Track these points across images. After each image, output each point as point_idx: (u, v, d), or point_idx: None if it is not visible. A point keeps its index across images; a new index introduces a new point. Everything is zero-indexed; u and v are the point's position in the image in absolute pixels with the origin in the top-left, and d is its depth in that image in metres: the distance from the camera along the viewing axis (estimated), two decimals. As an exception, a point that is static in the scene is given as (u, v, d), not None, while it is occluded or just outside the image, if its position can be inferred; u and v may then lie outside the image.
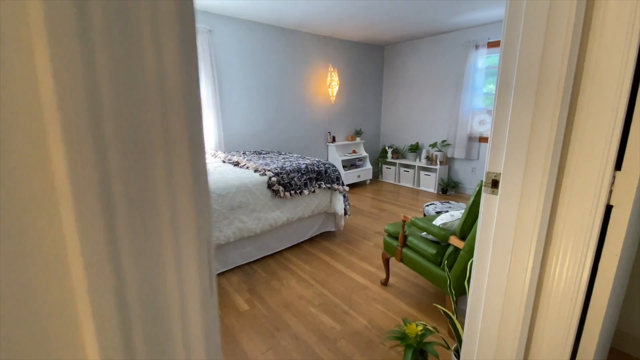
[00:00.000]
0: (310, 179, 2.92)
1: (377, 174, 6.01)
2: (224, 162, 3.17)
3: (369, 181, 5.56)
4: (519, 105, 0.79)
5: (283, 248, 2.92)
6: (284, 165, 2.87)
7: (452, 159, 5.06)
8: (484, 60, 4.47)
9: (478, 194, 1.55)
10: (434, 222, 1.95)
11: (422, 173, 5.14)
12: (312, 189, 2.91)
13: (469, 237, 1.62)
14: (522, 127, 0.78)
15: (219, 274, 2.50)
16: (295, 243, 3.02)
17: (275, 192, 2.65)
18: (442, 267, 1.81)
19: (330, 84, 4.86)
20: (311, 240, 3.15)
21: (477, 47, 4.48)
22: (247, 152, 3.72)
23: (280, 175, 2.70)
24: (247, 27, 4.01)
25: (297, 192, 2.79)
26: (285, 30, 4.38)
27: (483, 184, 0.90)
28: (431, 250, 1.87)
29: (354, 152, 5.40)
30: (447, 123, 5.00)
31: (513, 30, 0.80)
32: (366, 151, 5.72)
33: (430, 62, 5.12)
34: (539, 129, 0.76)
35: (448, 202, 3.01)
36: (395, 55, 5.62)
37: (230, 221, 2.43)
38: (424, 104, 5.31)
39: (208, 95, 3.72)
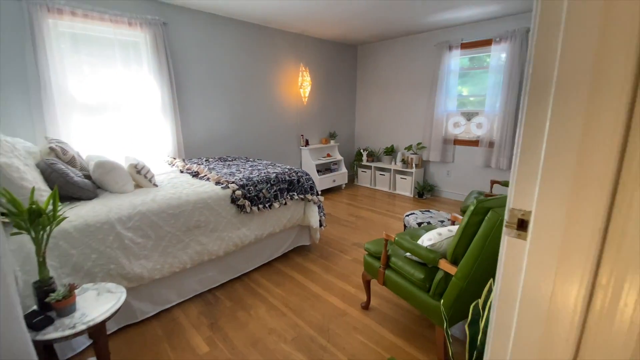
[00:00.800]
0: (281, 190, 2.62)
1: (352, 177, 5.80)
2: (181, 171, 2.79)
3: (344, 185, 5.34)
4: (562, 117, 0.56)
5: (252, 269, 2.60)
6: (251, 176, 2.55)
7: (428, 161, 4.95)
8: (457, 61, 4.38)
9: (473, 215, 1.33)
10: (419, 241, 1.73)
11: (398, 176, 5.00)
12: (284, 201, 2.61)
13: (462, 262, 1.41)
14: (566, 149, 0.56)
15: (173, 306, 2.14)
16: (266, 262, 2.71)
17: (241, 208, 2.32)
18: (431, 294, 1.59)
19: (301, 84, 4.58)
20: (284, 257, 2.85)
21: (450, 48, 4.39)
22: (210, 159, 3.35)
23: (247, 188, 2.38)
24: (209, 20, 3.63)
25: (267, 205, 2.48)
26: (252, 26, 4.04)
27: (505, 223, 0.67)
28: (418, 274, 1.65)
29: (329, 155, 5.16)
30: (422, 125, 4.89)
31: (550, 25, 0.57)
32: (341, 154, 5.50)
33: (404, 63, 4.99)
34: (593, 150, 0.53)
35: (428, 211, 2.83)
36: (368, 55, 5.44)
37: (187, 244, 2.08)
38: (399, 105, 5.17)
39: (163, 94, 3.30)
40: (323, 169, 5.09)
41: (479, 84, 4.37)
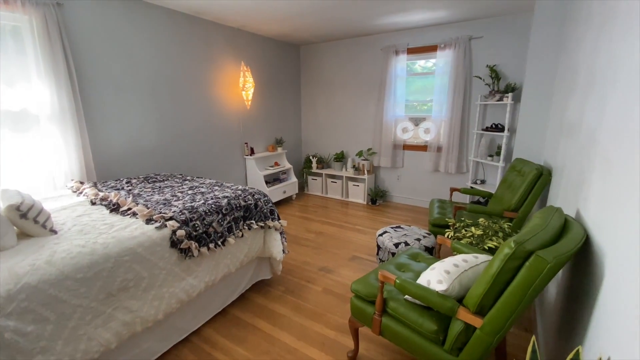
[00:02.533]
0: (236, 220, 2.11)
1: (302, 185, 5.43)
2: (93, 202, 2.06)
3: (295, 196, 4.94)
4: None
5: (202, 324, 2.04)
6: (195, 205, 1.99)
7: (379, 167, 4.86)
8: (404, 66, 4.34)
9: (510, 260, 1.08)
10: (424, 281, 1.44)
11: (351, 183, 4.80)
12: (240, 233, 2.11)
13: (493, 314, 1.15)
14: None
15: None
16: (220, 310, 2.17)
17: (185, 252, 1.76)
18: (447, 348, 1.31)
19: (244, 86, 4.03)
20: (241, 299, 2.34)
21: (397, 52, 4.32)
22: (133, 181, 2.62)
23: (192, 224, 1.82)
24: (124, 4, 2.86)
25: (219, 243, 1.95)
26: (182, 16, 3.35)
27: None
28: (429, 324, 1.36)
29: (277, 164, 4.70)
30: (372, 130, 4.78)
31: None
32: (289, 162, 5.08)
33: (350, 66, 4.79)
34: None
35: (400, 227, 2.62)
36: (312, 56, 5.12)
37: (109, 316, 1.46)
38: (347, 110, 4.97)
39: (60, 98, 2.46)
40: (272, 180, 4.61)
41: (426, 90, 4.40)
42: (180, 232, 1.73)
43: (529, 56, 2.97)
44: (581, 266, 1.20)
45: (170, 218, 1.78)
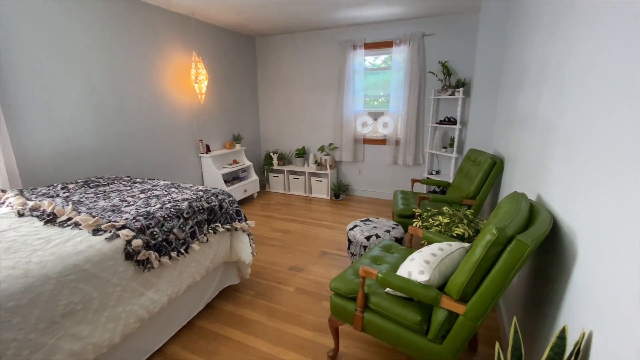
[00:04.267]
0: (200, 224, 1.93)
1: (263, 184, 5.26)
2: (21, 214, 1.73)
3: (256, 194, 4.76)
4: None
5: (165, 341, 1.84)
6: (151, 210, 1.77)
7: (340, 162, 4.88)
8: (362, 61, 4.38)
9: (493, 246, 1.10)
10: (405, 273, 1.44)
11: (314, 179, 4.76)
12: (205, 238, 1.93)
13: (475, 300, 1.18)
14: None
15: None
16: (185, 323, 1.98)
17: (143, 264, 1.56)
18: (432, 337, 1.32)
19: (196, 78, 3.74)
20: (208, 309, 2.17)
21: (354, 47, 4.35)
22: (70, 186, 2.27)
23: (149, 231, 1.62)
24: (44, -21, 2.44)
25: (182, 250, 1.77)
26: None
27: None
28: (413, 315, 1.36)
29: (235, 162, 4.47)
30: (333, 125, 4.77)
31: None
32: (249, 159, 4.87)
33: (308, 60, 4.72)
34: None
35: (369, 220, 2.64)
36: (268, 48, 4.94)
37: (52, 347, 1.22)
38: (307, 104, 4.90)
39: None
40: (231, 179, 4.38)
41: (383, 85, 4.50)
42: (137, 242, 1.52)
43: (477, 53, 3.17)
44: (550, 247, 1.28)
45: (123, 227, 1.56)
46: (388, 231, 2.43)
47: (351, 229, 2.51)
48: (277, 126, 5.19)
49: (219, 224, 2.04)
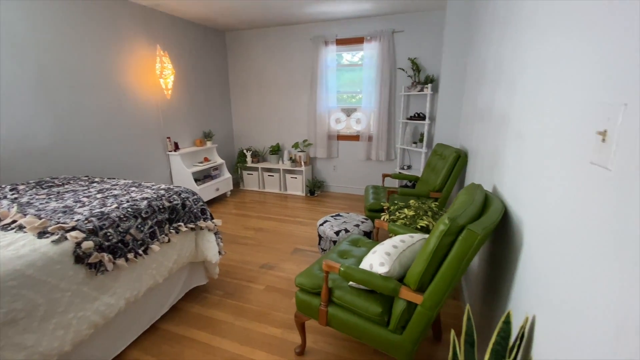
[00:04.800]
0: (161, 223, 1.86)
1: (237, 182, 5.16)
2: (-41, 218, 1.59)
3: (229, 193, 4.66)
4: None
5: (126, 346, 1.76)
6: (106, 210, 1.69)
7: (315, 158, 4.87)
8: (334, 57, 4.38)
9: (446, 236, 1.13)
10: (367, 265, 1.45)
11: (288, 176, 4.72)
12: (166, 238, 1.86)
13: (431, 289, 1.20)
14: None
15: None
16: (147, 327, 1.90)
17: (96, 267, 1.48)
18: (392, 328, 1.34)
19: (162, 73, 3.60)
20: (173, 311, 2.10)
21: (326, 43, 4.34)
22: (20, 187, 2.12)
23: (102, 232, 1.54)
24: (-15, -36, 2.25)
25: (141, 251, 1.69)
26: (72, -14, 2.80)
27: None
28: (374, 307, 1.37)
29: (206, 160, 4.35)
30: (307, 122, 4.75)
31: None
32: (221, 157, 4.76)
33: (280, 55, 4.66)
34: None
35: (340, 215, 2.65)
36: (239, 43, 4.83)
37: (-12, 361, 1.14)
38: (280, 101, 4.84)
39: None
40: (202, 177, 4.26)
41: (355, 81, 4.52)
42: (87, 244, 1.44)
43: (443, 50, 3.24)
44: (502, 236, 1.32)
45: (73, 228, 1.47)
46: (357, 225, 2.45)
47: (321, 224, 2.51)
48: (251, 123, 5.11)
49: (182, 224, 1.98)
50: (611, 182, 0.60)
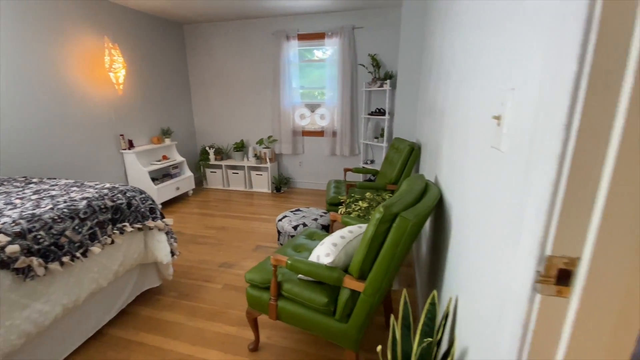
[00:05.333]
0: (102, 224, 1.76)
1: (200, 180, 5.01)
2: None
3: (191, 192, 4.51)
4: None
5: (66, 355, 1.66)
6: (38, 212, 1.57)
7: (281, 154, 4.83)
8: (296, 52, 4.36)
9: (380, 224, 1.16)
10: (314, 257, 1.46)
11: (253, 173, 4.65)
12: (109, 240, 1.77)
13: (371, 276, 1.23)
14: None
15: None
16: (92, 334, 1.80)
17: (24, 272, 1.37)
18: (338, 317, 1.36)
19: (111, 67, 3.40)
20: (122, 315, 2.00)
21: (288, 38, 4.30)
22: (-59, 190, 1.93)
23: (31, 235, 1.43)
24: None
25: (78, 254, 1.59)
26: (1, -30, 2.56)
27: (537, 277, 0.45)
28: (321, 298, 1.39)
29: (165, 158, 4.18)
30: (271, 118, 4.69)
31: None
32: (182, 155, 4.59)
33: (242, 50, 4.56)
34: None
35: (299, 210, 2.65)
36: (198, 37, 4.67)
37: None
38: (243, 96, 4.74)
39: None
40: (160, 176, 4.09)
41: (318, 77, 4.53)
42: (12, 248, 1.33)
43: (400, 47, 3.32)
44: (439, 222, 1.38)
45: (-5, 232, 1.35)
46: (316, 219, 2.46)
47: (280, 220, 2.50)
48: (213, 119, 4.97)
49: (127, 224, 1.88)
50: (504, 162, 0.64)
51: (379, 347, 0.95)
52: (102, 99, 3.49)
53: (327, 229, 2.47)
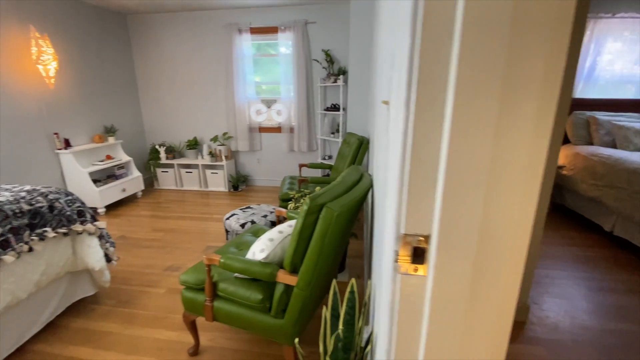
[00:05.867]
0: (16, 230, 1.59)
1: (150, 181, 4.74)
2: None
3: (141, 193, 4.25)
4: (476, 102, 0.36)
5: (-26, 378, 1.48)
6: None
7: (237, 152, 4.70)
8: (249, 46, 4.25)
9: (308, 215, 1.14)
10: (250, 254, 1.42)
11: (209, 172, 4.48)
12: (26, 247, 1.60)
13: (302, 269, 1.22)
14: (480, 144, 0.37)
15: None
16: (12, 351, 1.63)
17: None
18: (273, 313, 1.34)
19: (39, 59, 3.09)
20: (49, 327, 1.83)
21: (240, 31, 4.18)
22: None
23: None
24: None
25: (-17, 264, 1.42)
26: None
27: (395, 258, 0.45)
28: (255, 295, 1.35)
29: (109, 157, 3.90)
30: (225, 114, 4.55)
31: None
32: (129, 154, 4.31)
33: (193, 43, 4.36)
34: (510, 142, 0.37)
35: (250, 207, 2.59)
36: (144, 29, 4.39)
37: None
38: (195, 92, 4.55)
39: None
40: (104, 177, 3.80)
41: (273, 72, 4.45)
42: None
43: (350, 42, 3.35)
44: (373, 213, 1.40)
45: None
46: (265, 216, 2.42)
47: (227, 218, 2.42)
48: (163, 116, 4.71)
49: (49, 229, 1.72)
50: (389, 145, 0.64)
51: (296, 340, 0.94)
52: (30, 93, 3.17)
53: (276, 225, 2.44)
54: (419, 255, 0.44)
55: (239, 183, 4.56)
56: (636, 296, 2.07)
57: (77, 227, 1.85)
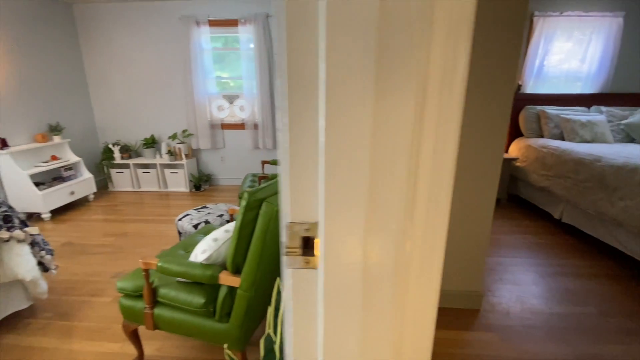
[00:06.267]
0: None
1: (104, 183, 4.43)
2: None
3: (92, 196, 3.96)
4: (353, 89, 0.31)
5: None
6: None
7: (199, 150, 4.51)
8: (208, 39, 4.07)
9: (247, 211, 1.08)
10: (192, 256, 1.33)
11: (168, 171, 4.26)
12: None
13: (245, 269, 1.15)
14: (358, 129, 0.32)
15: None
16: None
17: None
18: (218, 318, 1.26)
19: (-39, 49, 2.75)
20: (-32, 349, 1.63)
21: (198, 24, 4.00)
22: None
23: None
24: None
25: None
26: None
27: (285, 251, 0.39)
28: (197, 299, 1.26)
29: (55, 158, 3.59)
30: (184, 110, 4.34)
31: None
32: (78, 154, 4.00)
33: (147, 35, 4.11)
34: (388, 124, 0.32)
35: (205, 207, 2.46)
36: (93, 19, 4.08)
37: None
38: (151, 87, 4.30)
39: None
40: (49, 180, 3.50)
41: (235, 66, 4.31)
42: None
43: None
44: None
45: None
46: (221, 215, 2.31)
47: (180, 219, 2.29)
48: (117, 113, 4.42)
49: (-37, 237, 1.52)
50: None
51: (225, 345, 0.87)
52: (-47, 88, 2.83)
53: (234, 224, 2.34)
54: (309, 247, 0.39)
55: (202, 182, 4.37)
56: (583, 280, 2.19)
57: (3, 234, 1.65)
